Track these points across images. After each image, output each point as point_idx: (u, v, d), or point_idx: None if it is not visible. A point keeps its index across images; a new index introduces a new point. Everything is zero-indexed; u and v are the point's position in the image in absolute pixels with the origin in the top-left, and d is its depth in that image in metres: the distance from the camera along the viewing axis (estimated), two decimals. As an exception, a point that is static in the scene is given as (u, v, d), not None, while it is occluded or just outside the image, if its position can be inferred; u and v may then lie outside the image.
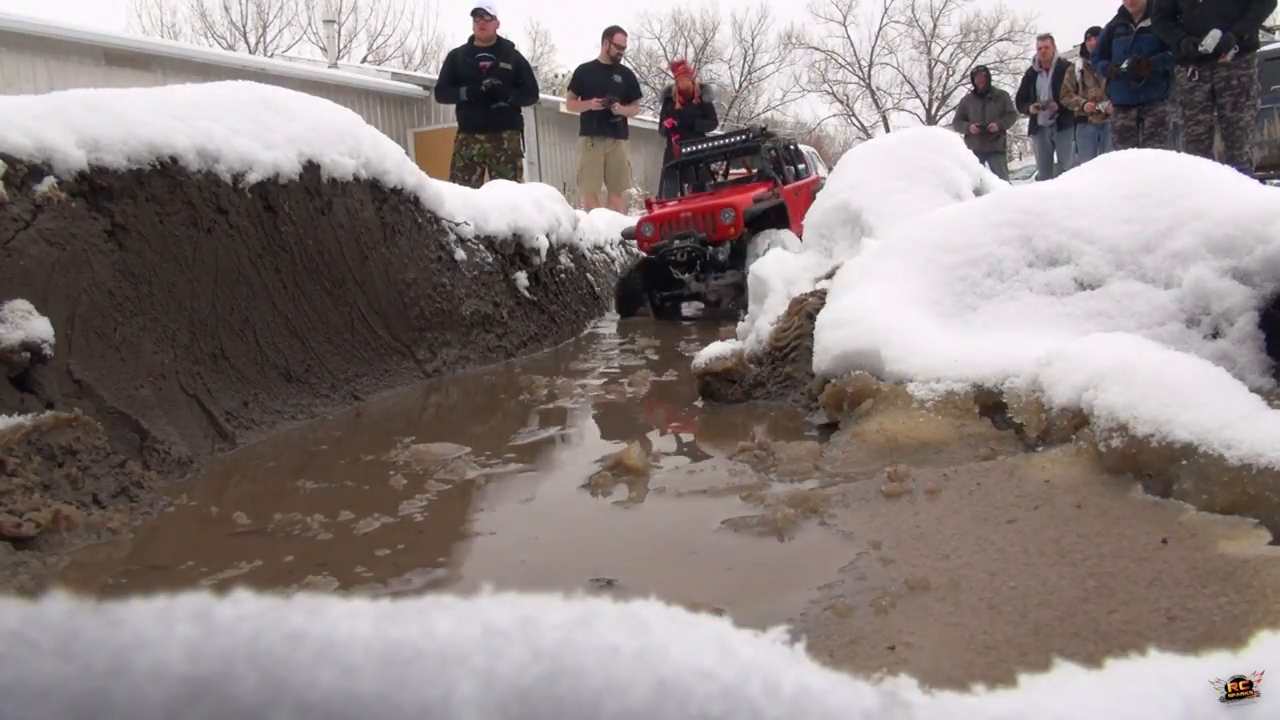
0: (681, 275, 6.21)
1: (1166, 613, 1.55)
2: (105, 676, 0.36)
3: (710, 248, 6.18)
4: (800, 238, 4.69)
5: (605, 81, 8.77)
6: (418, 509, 2.42)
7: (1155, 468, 2.14)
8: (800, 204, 6.92)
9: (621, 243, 7.54)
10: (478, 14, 7.47)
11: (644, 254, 6.54)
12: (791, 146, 8.09)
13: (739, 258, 6.25)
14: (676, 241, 6.13)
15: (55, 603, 0.39)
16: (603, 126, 8.85)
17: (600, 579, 1.87)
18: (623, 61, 9.15)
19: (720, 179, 8.25)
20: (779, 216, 6.71)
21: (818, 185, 7.53)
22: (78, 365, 2.70)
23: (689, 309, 6.80)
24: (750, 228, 6.35)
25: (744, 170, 8.61)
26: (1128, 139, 6.59)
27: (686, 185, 7.77)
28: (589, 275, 6.72)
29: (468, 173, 7.72)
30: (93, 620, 0.38)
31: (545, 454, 3.04)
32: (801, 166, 8.10)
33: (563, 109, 9.27)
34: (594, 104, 8.62)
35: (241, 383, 3.38)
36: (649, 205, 7.05)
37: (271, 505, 2.48)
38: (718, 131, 9.39)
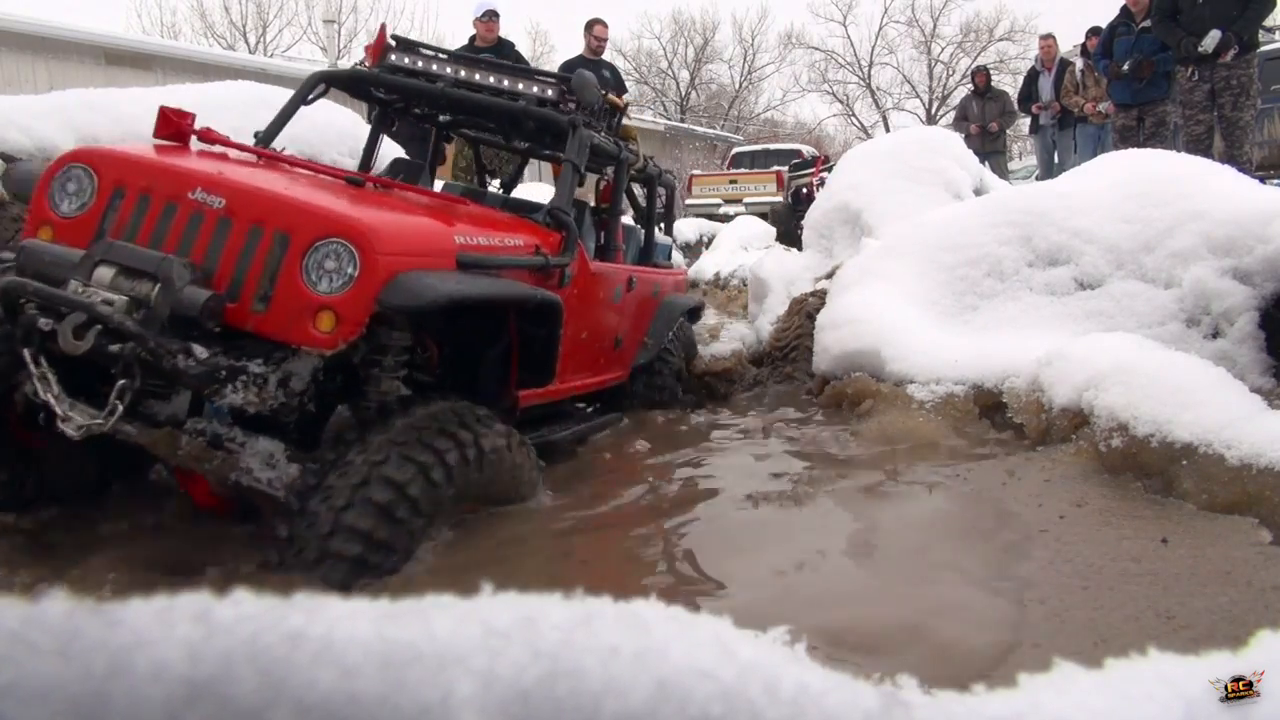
0: (49, 396, 1.79)
1: (1166, 613, 1.55)
2: (105, 677, 0.36)
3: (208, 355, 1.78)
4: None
5: (595, 77, 8.53)
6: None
7: (1156, 468, 2.14)
8: (632, 313, 3.25)
9: None
10: (491, 15, 7.41)
11: None
12: (663, 174, 3.89)
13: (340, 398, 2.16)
14: (89, 283, 1.84)
15: (55, 603, 0.39)
16: None
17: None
18: (607, 55, 8.90)
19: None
20: (540, 344, 2.46)
21: (687, 282, 4.02)
22: (78, 365, 2.70)
23: None
24: (440, 334, 2.34)
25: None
26: (1129, 139, 6.58)
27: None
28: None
29: (470, 173, 7.72)
30: (93, 620, 0.38)
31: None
32: (666, 245, 4.01)
33: None
34: None
35: (241, 383, 3.37)
36: (167, 118, 2.35)
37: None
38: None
